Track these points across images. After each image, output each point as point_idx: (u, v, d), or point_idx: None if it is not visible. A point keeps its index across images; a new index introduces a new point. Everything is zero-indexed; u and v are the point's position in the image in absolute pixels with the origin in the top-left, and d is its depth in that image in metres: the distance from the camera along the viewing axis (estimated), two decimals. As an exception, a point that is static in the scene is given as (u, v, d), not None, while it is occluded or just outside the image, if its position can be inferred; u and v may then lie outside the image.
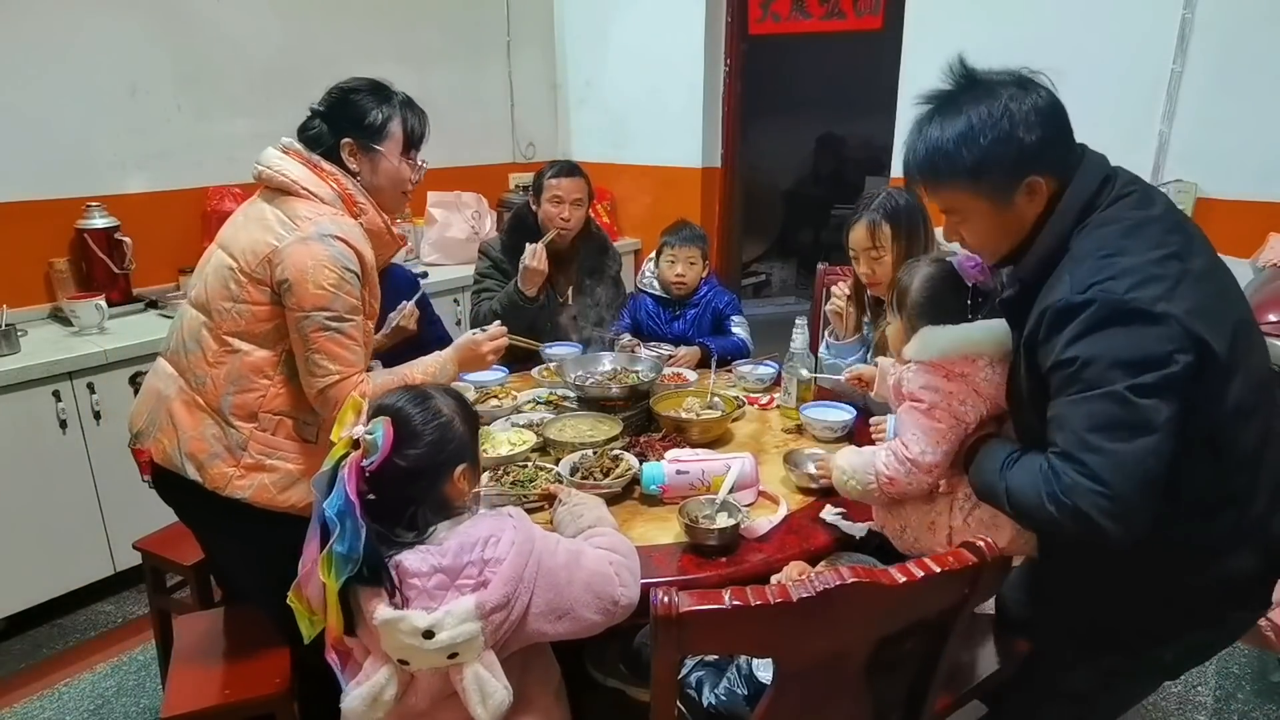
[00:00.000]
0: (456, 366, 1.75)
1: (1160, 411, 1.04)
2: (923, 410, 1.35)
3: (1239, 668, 2.29)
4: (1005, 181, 1.17)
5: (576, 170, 2.57)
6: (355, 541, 1.08)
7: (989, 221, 1.22)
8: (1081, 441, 1.08)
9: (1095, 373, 1.07)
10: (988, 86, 1.18)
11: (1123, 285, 1.06)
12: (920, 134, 1.22)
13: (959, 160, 1.17)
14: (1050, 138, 1.16)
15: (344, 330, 1.53)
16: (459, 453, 1.21)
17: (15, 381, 2.29)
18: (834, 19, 3.64)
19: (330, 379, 1.52)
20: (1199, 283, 1.10)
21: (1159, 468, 1.06)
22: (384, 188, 1.67)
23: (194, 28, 2.99)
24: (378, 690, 1.14)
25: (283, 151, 1.60)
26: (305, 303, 1.49)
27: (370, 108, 1.62)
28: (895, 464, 1.36)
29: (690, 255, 2.59)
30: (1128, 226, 1.13)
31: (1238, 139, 2.56)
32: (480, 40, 4.06)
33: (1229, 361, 1.09)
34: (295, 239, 1.51)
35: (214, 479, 1.54)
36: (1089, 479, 1.06)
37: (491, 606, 1.10)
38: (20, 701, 2.21)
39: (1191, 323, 1.05)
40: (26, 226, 2.67)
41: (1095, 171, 1.19)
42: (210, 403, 1.55)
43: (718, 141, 4.04)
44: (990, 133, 1.15)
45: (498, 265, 2.60)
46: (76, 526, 2.47)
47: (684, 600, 1.01)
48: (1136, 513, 1.06)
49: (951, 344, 1.33)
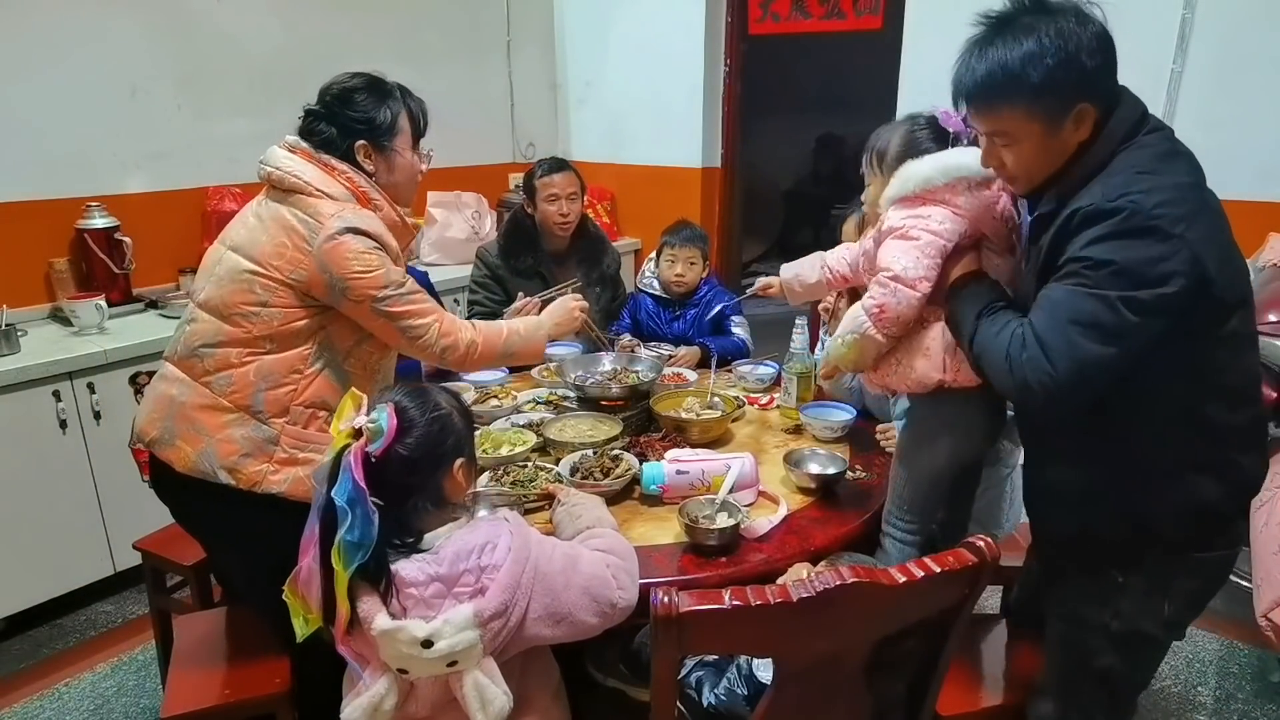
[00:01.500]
0: (552, 323, 1.88)
1: (1140, 329, 1.11)
2: (899, 234, 1.37)
3: (1239, 668, 2.29)
4: (1061, 105, 1.19)
5: (566, 164, 2.58)
6: (367, 529, 1.07)
7: (1037, 144, 1.22)
8: (1059, 327, 1.15)
9: (1099, 275, 1.13)
10: (1049, 11, 1.20)
11: (1151, 200, 1.11)
12: (980, 52, 1.21)
13: (1023, 79, 1.17)
14: (1107, 66, 1.19)
15: (409, 290, 1.59)
16: (458, 446, 1.22)
17: (15, 381, 2.29)
18: (834, 19, 3.64)
19: (433, 329, 1.61)
20: (1217, 217, 1.17)
21: (1106, 377, 1.15)
22: (400, 183, 1.68)
23: (194, 28, 2.99)
24: (377, 700, 1.13)
25: (289, 151, 1.59)
26: (369, 290, 1.53)
27: (376, 106, 1.61)
28: (879, 290, 1.37)
29: (690, 255, 2.59)
30: (1163, 152, 1.19)
31: (1238, 139, 2.56)
32: (480, 40, 4.07)
33: (1228, 295, 1.14)
34: (323, 239, 1.51)
35: (249, 478, 1.52)
36: (1047, 361, 1.15)
37: (489, 614, 1.10)
38: (20, 701, 2.21)
39: (1202, 250, 1.10)
40: (26, 226, 2.67)
41: (1135, 104, 1.23)
42: (238, 402, 1.53)
43: (718, 141, 4.04)
44: (1056, 55, 1.16)
45: (493, 273, 2.60)
46: (76, 526, 2.47)
47: (684, 600, 1.01)
48: (1066, 400, 1.18)
49: (933, 170, 1.36)
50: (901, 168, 1.40)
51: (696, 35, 3.83)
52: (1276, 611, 1.79)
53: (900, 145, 1.46)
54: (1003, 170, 1.29)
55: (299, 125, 1.63)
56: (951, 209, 1.36)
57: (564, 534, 1.34)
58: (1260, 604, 1.84)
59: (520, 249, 2.59)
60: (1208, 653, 2.35)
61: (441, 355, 1.64)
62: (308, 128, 1.62)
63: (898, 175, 1.40)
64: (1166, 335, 1.13)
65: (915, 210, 1.37)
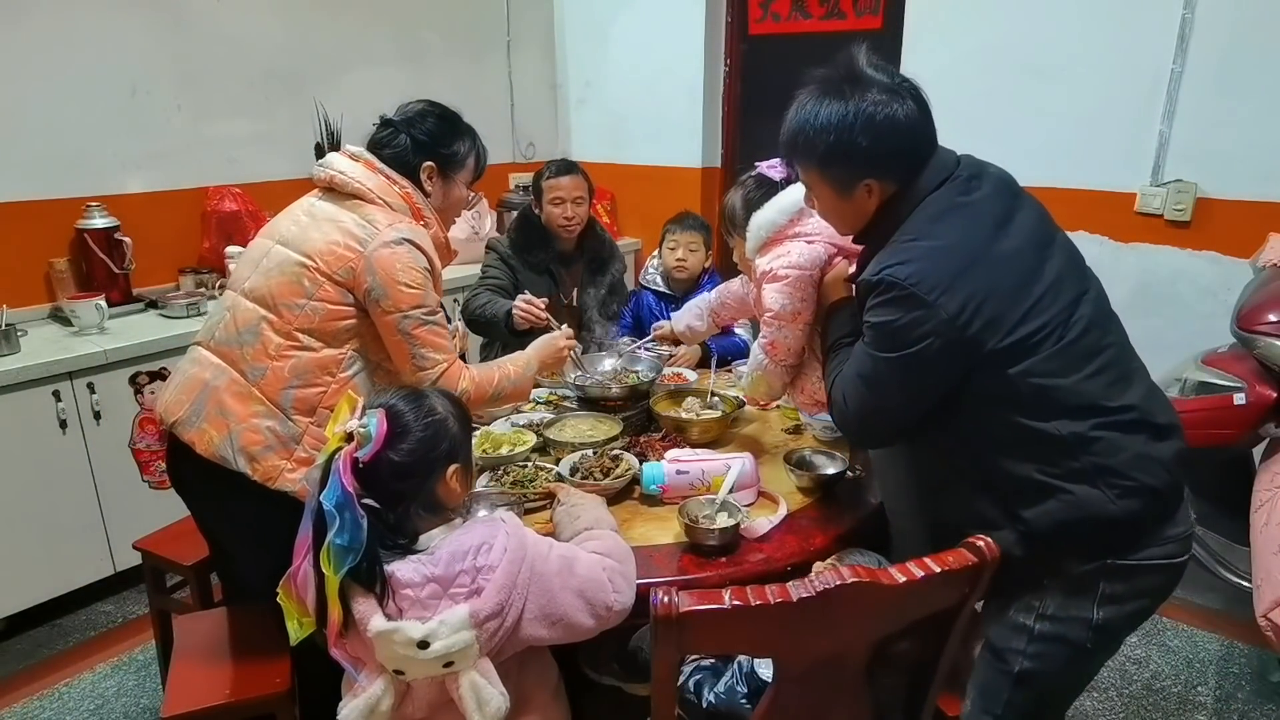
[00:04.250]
0: (539, 363, 1.87)
1: (905, 379, 1.24)
2: (770, 277, 1.53)
3: (1239, 668, 2.29)
4: (846, 177, 1.29)
5: (575, 167, 2.57)
6: (356, 533, 1.08)
7: (832, 205, 1.35)
8: (850, 377, 1.32)
9: (872, 336, 1.27)
10: (861, 84, 1.25)
11: (906, 271, 1.20)
12: (798, 109, 1.31)
13: (813, 147, 1.29)
14: (893, 150, 1.26)
15: (438, 322, 1.63)
16: (451, 452, 1.21)
17: (15, 381, 2.29)
18: (834, 19, 3.64)
19: (440, 367, 1.62)
20: (998, 264, 1.21)
21: (887, 417, 1.31)
22: (448, 210, 1.76)
23: (194, 28, 2.99)
24: (374, 701, 1.13)
25: (352, 159, 1.64)
26: (402, 303, 1.56)
27: (452, 136, 1.70)
28: (767, 330, 1.55)
29: (692, 241, 2.59)
30: (938, 212, 1.25)
31: (1238, 139, 2.56)
32: (480, 40, 4.06)
33: (1017, 333, 1.18)
34: (379, 244, 1.55)
35: (266, 471, 1.54)
36: (841, 397, 1.34)
37: (485, 615, 1.10)
38: (20, 701, 2.21)
39: (960, 310, 1.17)
40: (26, 226, 2.67)
41: (933, 177, 1.28)
42: (269, 394, 1.55)
43: (718, 141, 4.04)
44: (839, 133, 1.25)
45: (505, 260, 2.59)
46: (76, 526, 2.46)
47: (684, 600, 1.01)
48: (861, 434, 1.41)
49: (774, 214, 1.55)
50: (750, 221, 1.58)
51: (696, 35, 3.83)
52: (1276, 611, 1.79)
53: (741, 205, 1.66)
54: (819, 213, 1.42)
55: (371, 134, 1.69)
56: (803, 239, 1.54)
57: (563, 534, 1.34)
58: (1260, 604, 1.84)
59: (533, 244, 2.58)
60: (1208, 653, 2.35)
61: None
62: (380, 138, 1.68)
63: (749, 229, 1.59)
64: (953, 380, 1.22)
65: (775, 252, 1.54)
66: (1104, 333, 1.26)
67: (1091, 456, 1.20)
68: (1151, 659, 2.32)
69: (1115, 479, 1.20)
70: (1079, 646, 1.29)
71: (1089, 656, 1.32)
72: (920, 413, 1.28)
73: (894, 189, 1.29)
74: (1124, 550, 1.24)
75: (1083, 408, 1.21)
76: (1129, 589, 1.26)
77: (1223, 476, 2.38)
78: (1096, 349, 1.23)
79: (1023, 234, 1.25)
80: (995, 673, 1.34)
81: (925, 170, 1.28)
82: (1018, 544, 1.25)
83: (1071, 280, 1.26)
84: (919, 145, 1.28)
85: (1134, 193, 2.76)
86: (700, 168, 4.02)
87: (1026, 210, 1.29)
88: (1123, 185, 2.77)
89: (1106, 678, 2.25)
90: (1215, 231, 2.65)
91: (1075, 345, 1.21)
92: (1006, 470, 1.24)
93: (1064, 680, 1.36)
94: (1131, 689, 2.22)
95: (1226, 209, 2.63)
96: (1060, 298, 1.23)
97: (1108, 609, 1.26)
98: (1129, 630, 1.36)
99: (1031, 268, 1.23)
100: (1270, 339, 2.12)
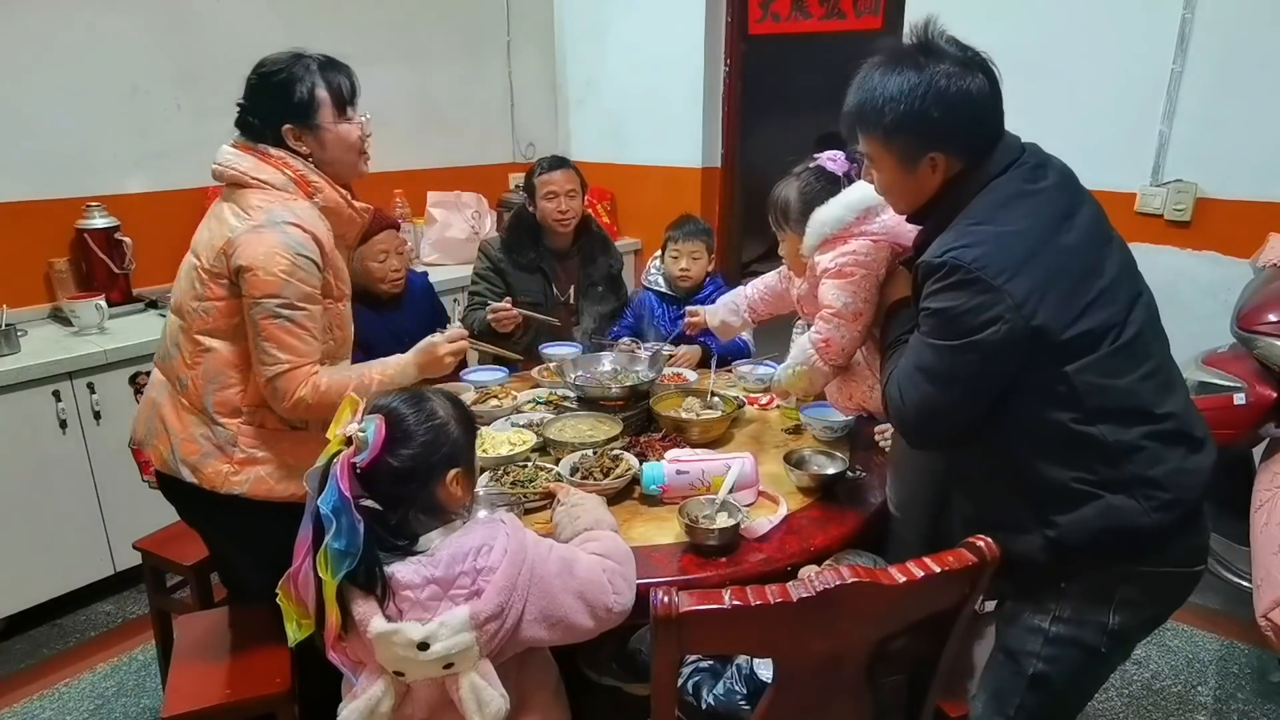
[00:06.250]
0: (417, 369, 1.68)
1: (970, 370, 1.19)
2: (833, 273, 1.48)
3: (1239, 668, 2.29)
4: (913, 149, 1.25)
5: (565, 162, 2.59)
6: (353, 537, 1.07)
7: (894, 178, 1.31)
8: (907, 369, 1.26)
9: (931, 324, 1.22)
10: (931, 56, 1.23)
11: (971, 254, 1.16)
12: (863, 80, 1.28)
13: (880, 118, 1.25)
14: (961, 123, 1.22)
15: (295, 319, 1.50)
16: (452, 457, 1.20)
17: (15, 381, 2.29)
18: (834, 19, 3.64)
19: (280, 368, 1.50)
20: (1062, 256, 1.18)
21: (950, 412, 1.24)
22: (338, 158, 1.62)
23: (194, 28, 2.99)
24: (374, 703, 1.13)
25: (232, 146, 1.60)
26: (256, 290, 1.48)
27: (291, 85, 1.56)
28: (823, 325, 1.49)
29: (694, 249, 2.59)
30: (1004, 198, 1.22)
31: (1238, 139, 2.56)
32: (480, 40, 4.06)
33: (1078, 328, 1.16)
34: (247, 228, 1.50)
35: (209, 478, 1.55)
36: (898, 394, 1.27)
37: (485, 616, 1.10)
38: (20, 701, 2.21)
39: (1027, 297, 1.13)
40: (26, 226, 2.67)
41: (1001, 159, 1.25)
42: (194, 403, 1.56)
43: (718, 141, 4.04)
44: (909, 104, 1.21)
45: (495, 266, 2.61)
46: (76, 526, 2.47)
47: (684, 600, 1.01)
48: (921, 433, 1.31)
49: (841, 209, 1.47)
50: (811, 217, 1.51)
51: (696, 35, 3.83)
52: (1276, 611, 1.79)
53: (798, 198, 1.58)
54: (878, 188, 1.37)
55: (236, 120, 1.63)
56: (870, 238, 1.48)
57: (563, 535, 1.34)
58: (1260, 604, 1.84)
59: (523, 244, 2.61)
60: (1208, 653, 2.35)
61: (272, 394, 1.53)
62: (238, 121, 1.62)
63: (810, 224, 1.51)
64: (1013, 373, 1.18)
65: (839, 249, 1.48)
66: (1154, 338, 1.24)
67: (1133, 466, 1.18)
68: (1151, 659, 2.32)
69: (1154, 490, 1.19)
70: (1093, 651, 1.28)
71: (1102, 661, 1.32)
72: (979, 409, 1.23)
73: (960, 167, 1.25)
74: (1145, 558, 1.23)
75: (1132, 411, 1.18)
76: (1146, 595, 1.26)
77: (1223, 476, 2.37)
78: (1147, 353, 1.21)
79: (1084, 229, 1.23)
80: (1009, 675, 1.33)
81: (994, 150, 1.25)
82: (1043, 549, 1.24)
83: (1128, 281, 1.25)
84: (988, 122, 1.25)
85: (1134, 193, 2.76)
86: (700, 168, 4.02)
87: (1088, 206, 1.27)
88: (1123, 185, 2.76)
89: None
90: (1215, 231, 2.65)
91: (1131, 346, 1.19)
92: (1044, 474, 1.22)
93: (1077, 684, 1.35)
94: (1131, 689, 2.22)
95: (1226, 209, 2.63)
96: (1118, 297, 1.21)
97: (1124, 614, 1.25)
98: (1142, 636, 1.36)
99: (1092, 264, 1.21)
100: (1270, 339, 2.12)
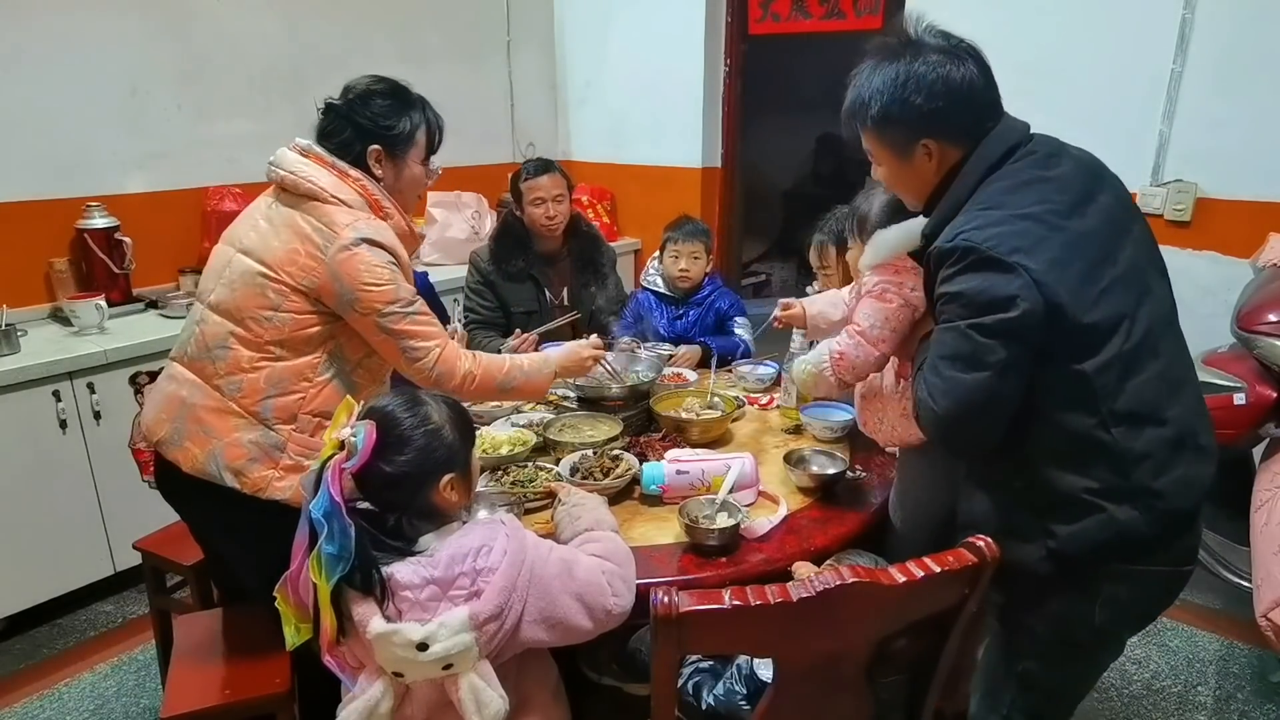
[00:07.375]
0: (559, 365, 1.81)
1: (996, 351, 1.15)
2: (875, 295, 1.45)
3: (1239, 668, 2.29)
4: (903, 139, 1.27)
5: (551, 166, 2.56)
6: (345, 541, 1.07)
7: (893, 169, 1.33)
8: (932, 364, 1.22)
9: (950, 308, 1.19)
10: (918, 49, 1.25)
11: (983, 235, 1.15)
12: (855, 79, 1.31)
13: (867, 110, 1.28)
14: (947, 108, 1.23)
15: (417, 310, 1.59)
16: (447, 462, 1.19)
17: (15, 381, 2.29)
18: (834, 19, 3.64)
19: (433, 354, 1.59)
20: (1075, 240, 1.17)
21: (985, 400, 1.17)
22: (404, 191, 1.68)
23: (194, 28, 2.99)
24: (373, 704, 1.13)
25: (302, 155, 1.57)
26: (376, 303, 1.52)
27: (397, 114, 1.61)
28: (846, 339, 1.46)
29: (694, 250, 2.59)
30: (1015, 184, 1.22)
31: (1238, 139, 2.56)
32: (480, 40, 4.06)
33: (1092, 317, 1.15)
34: (337, 249, 1.50)
35: (254, 483, 1.52)
36: (928, 396, 1.21)
37: (485, 617, 1.10)
38: (20, 701, 2.21)
39: (1046, 276, 1.12)
40: (26, 226, 2.67)
41: (999, 142, 1.25)
42: (247, 407, 1.53)
43: (718, 141, 4.04)
44: (892, 91, 1.24)
45: (485, 279, 2.59)
46: (76, 526, 2.46)
47: (684, 600, 1.01)
48: (958, 433, 1.23)
49: (899, 238, 1.42)
50: (875, 235, 1.47)
51: (696, 35, 3.83)
52: (1276, 611, 1.79)
53: (879, 215, 1.51)
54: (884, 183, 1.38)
55: (318, 123, 1.62)
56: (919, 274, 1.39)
57: (563, 535, 1.34)
58: (1260, 604, 1.84)
59: (511, 252, 2.57)
60: (1208, 653, 2.35)
61: (436, 381, 1.61)
62: (325, 127, 1.61)
63: (871, 242, 1.48)
64: (1033, 360, 1.16)
65: (890, 277, 1.45)
66: (1164, 335, 1.23)
67: (1140, 475, 1.18)
68: (1151, 659, 2.32)
69: (1156, 501, 1.18)
70: (1081, 647, 1.28)
71: (1091, 658, 1.32)
72: (1009, 397, 1.18)
73: (959, 154, 1.26)
74: (1135, 559, 1.23)
75: (1140, 414, 1.17)
76: (1132, 593, 1.26)
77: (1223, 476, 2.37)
78: (1155, 351, 1.20)
79: (1101, 216, 1.21)
80: (1000, 672, 1.34)
81: (990, 134, 1.25)
82: (1045, 560, 1.23)
83: (1144, 274, 1.23)
84: (977, 106, 1.25)
85: (1134, 193, 2.74)
86: (700, 168, 4.02)
87: (1108, 194, 1.25)
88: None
89: (1106, 678, 2.24)
90: (1215, 231, 2.65)
91: (1141, 343, 1.18)
92: (1052, 483, 1.21)
93: (1067, 680, 1.35)
94: (1131, 689, 2.22)
95: (1226, 209, 2.63)
96: (1130, 289, 1.19)
97: (1110, 611, 1.25)
98: (1132, 634, 1.36)
99: (1105, 252, 1.19)
100: (1270, 339, 2.12)
